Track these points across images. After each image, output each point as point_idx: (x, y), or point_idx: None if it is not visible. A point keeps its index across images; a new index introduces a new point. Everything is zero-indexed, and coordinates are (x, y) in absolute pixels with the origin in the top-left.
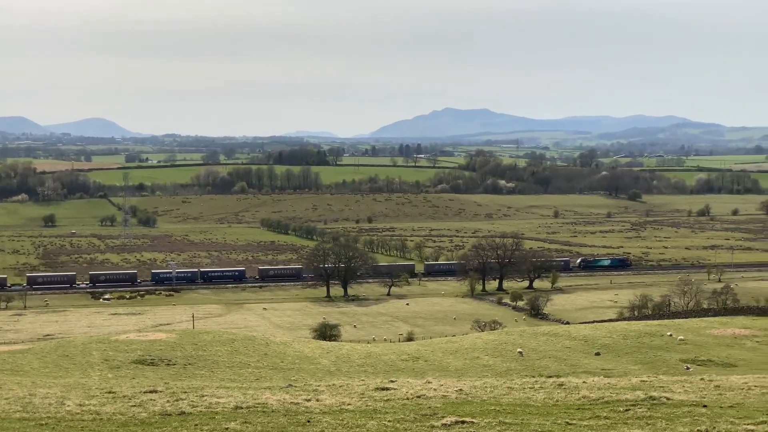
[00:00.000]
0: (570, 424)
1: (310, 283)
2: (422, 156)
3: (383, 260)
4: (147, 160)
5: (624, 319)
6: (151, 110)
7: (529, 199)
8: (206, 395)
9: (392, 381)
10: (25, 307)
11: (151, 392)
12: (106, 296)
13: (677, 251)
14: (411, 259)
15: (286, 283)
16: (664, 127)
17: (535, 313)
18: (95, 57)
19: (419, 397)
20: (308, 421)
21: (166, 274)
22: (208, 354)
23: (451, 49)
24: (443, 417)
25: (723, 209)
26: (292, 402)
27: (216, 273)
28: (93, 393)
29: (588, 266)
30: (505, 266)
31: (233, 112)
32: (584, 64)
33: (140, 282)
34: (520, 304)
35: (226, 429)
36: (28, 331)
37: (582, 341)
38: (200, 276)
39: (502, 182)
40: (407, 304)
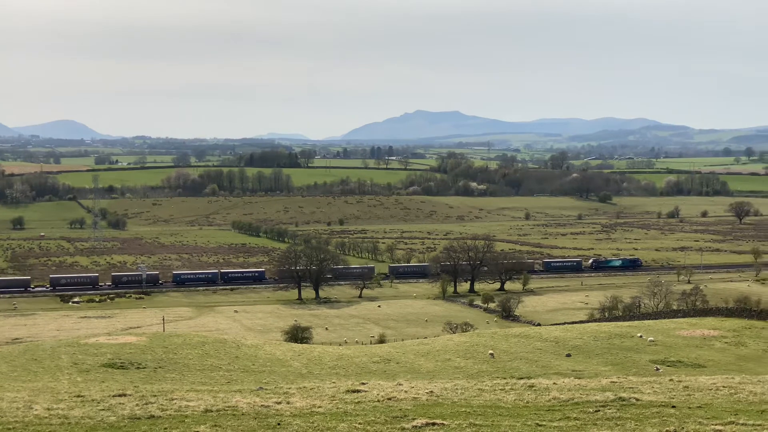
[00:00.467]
0: (540, 425)
1: (282, 285)
2: (394, 158)
3: (355, 263)
4: (117, 162)
5: (594, 321)
6: (121, 112)
7: (501, 201)
8: (176, 398)
9: (363, 383)
10: None
11: (120, 396)
12: (76, 299)
13: (647, 253)
14: (383, 261)
15: (258, 286)
16: (634, 129)
17: (507, 314)
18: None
19: (390, 399)
20: (278, 424)
21: (189, 275)
22: (178, 357)
23: (422, 52)
24: (414, 419)
25: (692, 211)
26: (262, 405)
27: (236, 274)
28: (61, 397)
29: (599, 267)
30: (477, 268)
31: (204, 114)
32: (555, 67)
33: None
34: (492, 305)
35: None
36: None
37: (553, 343)
38: (221, 277)
39: (474, 184)
40: (379, 306)
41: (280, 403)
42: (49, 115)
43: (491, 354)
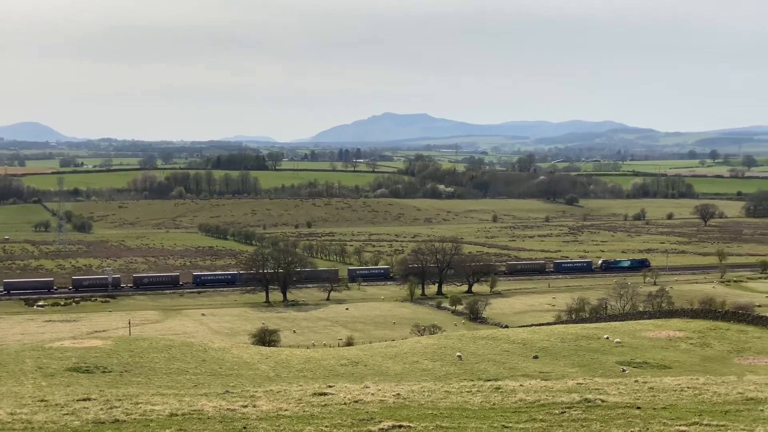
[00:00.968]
0: (506, 427)
1: (249, 288)
2: (362, 161)
3: (323, 265)
4: (82, 164)
5: (562, 323)
6: (86, 114)
7: (468, 203)
8: (141, 402)
9: (330, 386)
10: None
11: (84, 400)
12: (40, 303)
13: (614, 255)
14: (351, 264)
15: (225, 289)
16: (601, 132)
17: (474, 317)
18: (28, 60)
19: (357, 402)
20: (244, 428)
21: (215, 276)
22: (144, 361)
23: (390, 54)
24: (380, 422)
25: (658, 213)
26: (228, 408)
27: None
28: (25, 401)
29: (609, 267)
30: (445, 270)
31: (171, 116)
32: (522, 70)
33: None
34: (460, 308)
35: None
36: None
37: (520, 345)
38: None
39: (442, 187)
40: (347, 309)
41: (246, 406)
42: (13, 117)
43: (459, 356)
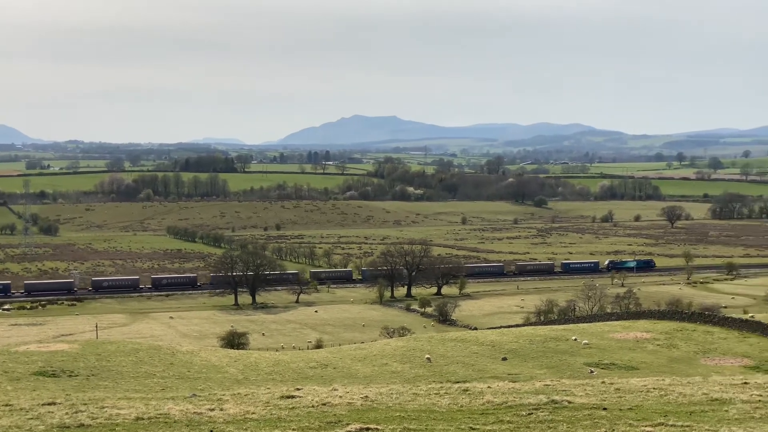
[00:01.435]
0: (473, 428)
1: (218, 291)
2: (331, 163)
3: (291, 268)
4: (48, 167)
5: (530, 324)
6: (53, 116)
7: (437, 205)
8: (107, 407)
9: (299, 389)
10: None
11: (50, 404)
12: (6, 306)
13: (582, 257)
14: (321, 266)
15: (193, 292)
16: (569, 134)
17: (444, 319)
18: None
19: (325, 404)
20: (211, 431)
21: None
22: (112, 365)
23: (359, 56)
24: (348, 424)
25: (626, 215)
26: (195, 412)
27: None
28: None
29: (615, 268)
30: (414, 272)
31: (138, 118)
32: (491, 72)
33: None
34: (429, 310)
35: None
36: None
37: (489, 347)
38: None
39: (411, 189)
40: (316, 312)
41: (213, 409)
42: None
43: (428, 358)
